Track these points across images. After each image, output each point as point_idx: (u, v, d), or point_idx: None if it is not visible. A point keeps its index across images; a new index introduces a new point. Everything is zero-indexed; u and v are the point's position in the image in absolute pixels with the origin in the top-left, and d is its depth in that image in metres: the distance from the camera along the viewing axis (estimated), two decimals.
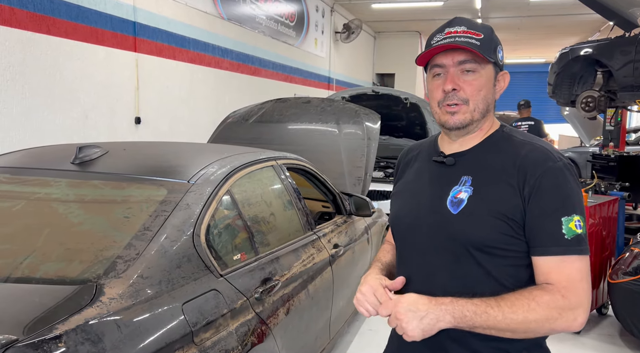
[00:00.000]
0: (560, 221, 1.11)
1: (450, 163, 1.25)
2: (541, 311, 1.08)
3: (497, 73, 1.24)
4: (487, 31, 1.22)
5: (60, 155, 2.29)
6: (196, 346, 1.64)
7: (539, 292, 1.11)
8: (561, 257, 1.11)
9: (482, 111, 1.22)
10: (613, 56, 6.65)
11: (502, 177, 1.17)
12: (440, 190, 1.24)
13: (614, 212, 4.04)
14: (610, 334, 3.79)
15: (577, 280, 1.11)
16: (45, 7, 4.15)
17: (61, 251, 1.69)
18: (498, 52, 1.22)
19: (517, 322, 1.09)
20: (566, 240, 1.11)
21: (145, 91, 5.44)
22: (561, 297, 1.10)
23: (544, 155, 1.16)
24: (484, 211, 1.16)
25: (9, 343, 1.23)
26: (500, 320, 1.09)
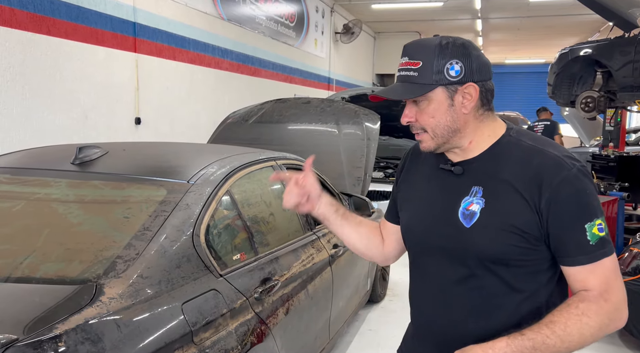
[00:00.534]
0: (584, 229, 1.12)
1: (459, 172, 1.23)
2: (593, 323, 1.10)
3: (454, 91, 1.18)
4: (427, 54, 1.17)
5: (60, 155, 2.30)
6: (196, 346, 1.65)
7: (585, 304, 1.11)
8: (593, 264, 1.13)
9: (444, 134, 1.21)
10: (612, 56, 6.65)
11: (514, 188, 1.15)
12: (450, 200, 1.22)
13: (613, 212, 4.05)
14: (610, 335, 3.79)
15: (613, 280, 1.13)
16: (46, 7, 4.16)
17: (61, 251, 1.70)
18: (449, 71, 1.16)
19: (575, 342, 1.10)
20: (592, 246, 1.12)
21: (145, 92, 5.45)
22: (604, 301, 1.11)
23: (557, 165, 1.14)
24: (497, 225, 1.15)
25: (9, 343, 1.23)
26: (559, 346, 1.10)
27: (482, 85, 1.20)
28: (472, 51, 1.19)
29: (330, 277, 2.80)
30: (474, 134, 1.22)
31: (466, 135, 1.22)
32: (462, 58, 1.17)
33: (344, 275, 3.04)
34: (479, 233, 1.16)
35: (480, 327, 1.20)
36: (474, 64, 1.18)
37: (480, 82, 1.20)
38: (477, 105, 1.20)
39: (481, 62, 1.20)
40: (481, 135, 1.23)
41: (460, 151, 1.24)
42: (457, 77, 1.17)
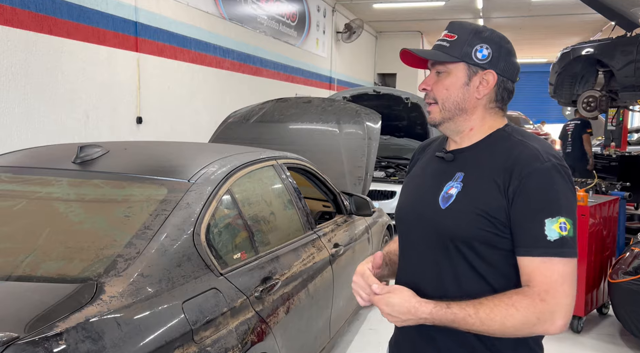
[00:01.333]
0: (544, 222, 1.11)
1: (449, 159, 1.29)
2: (519, 316, 1.09)
3: (474, 72, 1.23)
4: (464, 32, 1.24)
5: (61, 154, 2.31)
6: (196, 344, 1.65)
7: (519, 297, 1.11)
8: (542, 259, 1.11)
9: (451, 109, 1.25)
10: (614, 56, 6.64)
11: (490, 175, 1.18)
12: (436, 184, 1.28)
13: (614, 211, 4.04)
14: (611, 334, 3.79)
15: (559, 284, 1.10)
16: (47, 7, 4.17)
17: (62, 250, 1.70)
18: (477, 51, 1.22)
19: (495, 328, 1.11)
20: (548, 241, 1.10)
21: (147, 91, 5.46)
22: (540, 301, 1.10)
23: (532, 156, 1.16)
24: (469, 208, 1.18)
25: (10, 341, 1.24)
26: (477, 326, 1.12)
27: (502, 79, 1.25)
28: (505, 46, 1.25)
29: (331, 276, 2.80)
30: (477, 121, 1.26)
31: (470, 120, 1.26)
32: (493, 47, 1.23)
33: (344, 274, 3.04)
34: (452, 215, 1.21)
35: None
36: (502, 58, 1.24)
37: (502, 77, 1.24)
38: (491, 96, 1.25)
39: (511, 61, 1.26)
40: (482, 125, 1.27)
41: (459, 139, 1.29)
42: (482, 61, 1.22)
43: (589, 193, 3.88)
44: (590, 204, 3.66)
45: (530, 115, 16.89)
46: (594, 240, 3.70)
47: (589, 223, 3.59)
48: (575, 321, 3.74)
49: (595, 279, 3.79)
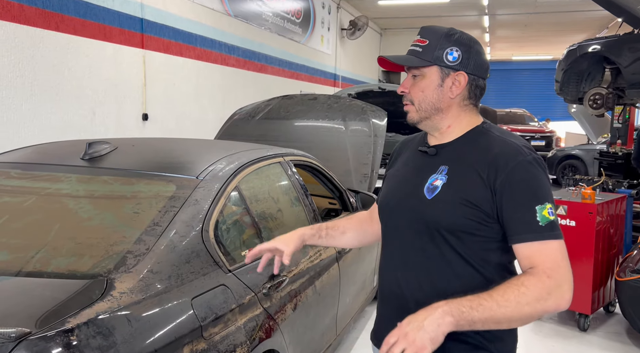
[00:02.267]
0: (535, 210, 1.20)
1: (432, 153, 1.37)
2: (531, 294, 1.15)
3: (447, 74, 1.31)
4: (435, 37, 1.32)
5: (69, 151, 2.31)
6: (205, 340, 1.66)
7: (526, 276, 1.18)
8: (539, 242, 1.19)
9: (427, 109, 1.34)
10: (621, 53, 6.59)
11: (474, 168, 1.27)
12: (420, 177, 1.35)
13: (621, 209, 4.03)
14: (617, 332, 3.78)
15: (559, 259, 1.18)
16: (54, 3, 4.18)
17: (72, 246, 1.71)
18: (447, 54, 1.30)
19: (511, 308, 1.14)
20: (541, 226, 1.19)
21: (153, 88, 5.47)
22: (547, 277, 1.16)
23: (514, 151, 1.26)
24: (454, 198, 1.26)
25: (21, 336, 1.24)
26: (495, 310, 1.14)
27: (473, 78, 1.33)
28: (474, 47, 1.33)
29: (337, 273, 2.80)
30: (453, 119, 1.35)
31: (447, 118, 1.35)
32: (463, 49, 1.31)
33: (351, 272, 3.04)
34: (438, 205, 1.29)
35: (432, 292, 1.29)
36: (472, 59, 1.31)
37: (473, 76, 1.33)
38: (464, 95, 1.34)
39: (480, 60, 1.33)
40: (459, 122, 1.35)
41: (439, 135, 1.37)
42: (453, 63, 1.30)
43: (596, 191, 3.86)
44: (597, 202, 3.65)
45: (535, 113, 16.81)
46: (601, 238, 3.69)
47: (596, 221, 3.58)
48: (582, 319, 3.73)
49: (602, 277, 3.78)
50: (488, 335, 1.29)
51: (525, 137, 13.80)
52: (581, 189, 3.76)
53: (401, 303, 1.37)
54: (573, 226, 3.65)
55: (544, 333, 3.73)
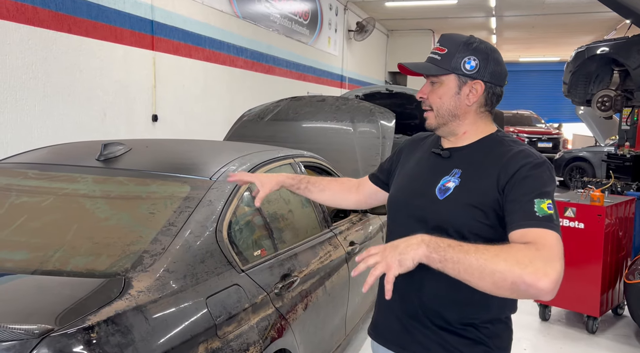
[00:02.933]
0: (534, 202, 1.21)
1: (446, 156, 1.42)
2: (514, 253, 1.10)
3: (464, 82, 1.36)
4: (454, 45, 1.36)
5: (85, 151, 2.35)
6: (220, 339, 1.68)
7: (517, 244, 1.17)
8: (535, 229, 1.17)
9: (445, 115, 1.39)
10: (630, 55, 6.58)
11: (487, 173, 1.31)
12: (433, 177, 1.40)
13: (630, 212, 4.03)
14: (626, 335, 3.78)
15: (553, 244, 1.14)
16: (67, 6, 4.23)
17: (90, 245, 1.74)
18: (465, 63, 1.35)
19: (487, 257, 1.10)
20: (538, 217, 1.19)
21: (162, 89, 5.51)
22: (536, 249, 1.12)
23: (525, 154, 1.31)
24: (465, 200, 1.31)
25: (44, 333, 1.28)
26: (471, 255, 1.11)
27: (490, 87, 1.37)
28: (492, 55, 1.37)
29: (347, 274, 2.83)
30: (470, 125, 1.40)
31: (463, 125, 1.40)
32: (480, 58, 1.35)
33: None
34: (449, 205, 1.33)
35: (436, 289, 1.35)
36: (489, 67, 1.36)
37: (490, 84, 1.37)
38: (480, 102, 1.38)
39: (498, 68, 1.37)
40: (475, 129, 1.41)
41: (454, 139, 1.42)
42: (471, 72, 1.35)
43: (605, 194, 3.87)
44: (606, 204, 3.65)
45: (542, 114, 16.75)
46: (610, 241, 3.69)
47: (604, 223, 3.58)
48: (591, 321, 3.73)
49: (611, 280, 3.78)
50: (486, 332, 1.35)
51: (532, 138, 13.80)
52: (590, 192, 3.76)
53: (403, 299, 1.42)
54: (582, 228, 3.65)
55: (552, 335, 3.74)
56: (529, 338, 3.70)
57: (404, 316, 1.43)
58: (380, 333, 1.54)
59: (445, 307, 1.36)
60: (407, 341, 1.42)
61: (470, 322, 1.35)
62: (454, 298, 1.35)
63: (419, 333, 1.40)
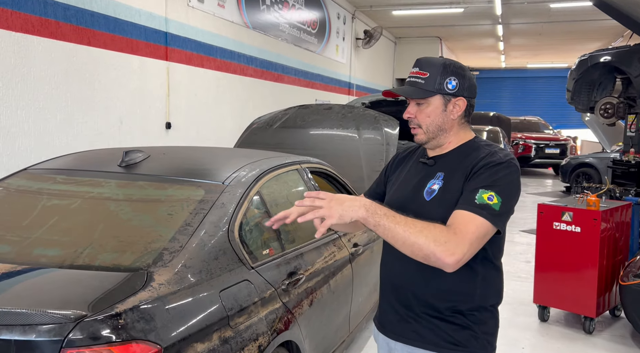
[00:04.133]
0: (477, 190, 1.42)
1: (431, 164, 1.61)
2: (435, 231, 1.36)
3: (448, 100, 1.54)
4: (434, 69, 1.53)
5: (107, 158, 2.55)
6: (232, 329, 1.86)
7: (441, 225, 1.40)
8: (465, 211, 1.40)
9: (434, 131, 1.56)
10: (632, 63, 6.69)
11: (462, 173, 1.50)
12: (421, 183, 1.59)
13: (627, 217, 4.15)
14: (622, 335, 3.89)
15: (470, 231, 1.37)
16: (87, 20, 4.46)
17: (115, 243, 1.93)
18: (447, 83, 1.52)
19: (412, 233, 1.35)
20: (474, 202, 1.41)
21: (176, 98, 5.73)
22: (453, 233, 1.37)
23: (492, 154, 1.49)
24: (448, 199, 1.49)
25: (79, 318, 1.46)
26: (400, 226, 1.36)
27: (468, 100, 1.57)
28: (466, 74, 1.56)
29: (350, 274, 2.99)
30: (454, 136, 1.59)
31: (449, 136, 1.58)
32: (459, 77, 1.54)
33: (363, 273, 3.22)
34: (435, 205, 1.51)
35: (424, 280, 1.53)
36: (466, 84, 1.55)
37: (468, 98, 1.56)
38: (462, 115, 1.57)
39: (471, 83, 1.57)
40: (457, 138, 1.60)
41: (439, 149, 1.60)
42: (453, 90, 1.54)
43: (602, 199, 3.99)
44: (602, 209, 3.78)
45: (549, 120, 16.83)
46: (606, 244, 3.81)
47: (600, 227, 3.71)
48: (588, 322, 3.85)
49: (608, 282, 3.90)
50: (473, 318, 1.52)
51: (539, 144, 13.89)
52: (586, 197, 3.89)
53: (399, 294, 1.61)
54: (578, 232, 3.78)
55: (550, 335, 3.86)
56: (528, 338, 3.83)
57: (400, 307, 1.61)
58: (380, 322, 1.72)
59: (434, 297, 1.53)
60: (404, 329, 1.60)
61: (458, 310, 1.52)
62: (441, 289, 1.52)
63: (414, 321, 1.57)
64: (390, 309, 1.65)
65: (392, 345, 1.65)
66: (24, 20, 3.91)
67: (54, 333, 1.42)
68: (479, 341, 1.53)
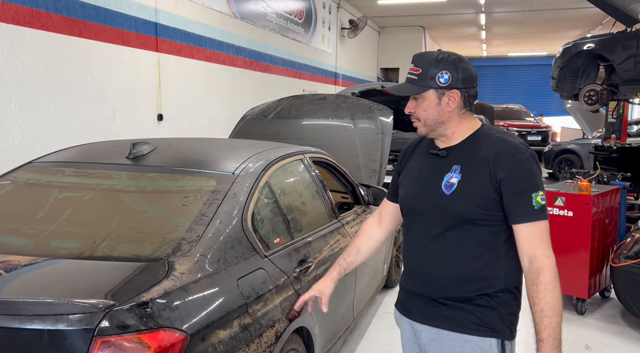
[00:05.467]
0: (531, 197, 1.50)
1: (444, 155, 1.62)
2: (553, 282, 1.49)
3: (442, 93, 1.56)
4: (426, 64, 1.56)
5: (114, 151, 2.54)
6: (250, 316, 1.89)
7: (542, 276, 1.49)
8: (533, 223, 1.51)
9: (432, 124, 1.59)
10: (615, 51, 6.84)
11: (482, 165, 1.53)
12: (436, 176, 1.61)
13: (616, 201, 4.27)
14: (613, 315, 4.02)
15: (547, 237, 1.52)
16: (78, 11, 4.39)
17: (133, 234, 1.94)
18: (439, 78, 1.55)
19: (560, 305, 1.49)
20: (535, 210, 1.50)
21: (167, 89, 5.69)
22: (547, 258, 1.49)
23: (514, 149, 1.53)
24: (470, 192, 1.53)
25: (108, 307, 1.47)
26: (558, 319, 1.47)
27: (465, 91, 1.58)
28: (461, 65, 1.57)
29: None
30: (456, 126, 1.61)
31: (450, 127, 1.61)
32: (451, 70, 1.56)
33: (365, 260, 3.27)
34: (456, 199, 1.54)
35: (452, 270, 1.58)
36: (460, 76, 1.56)
37: (464, 89, 1.58)
38: (460, 106, 1.59)
39: (467, 74, 1.58)
40: (461, 128, 1.61)
41: (446, 139, 1.62)
42: (445, 84, 1.56)
43: (592, 183, 4.10)
44: (593, 193, 3.88)
45: (531, 108, 17.06)
46: (597, 228, 3.93)
47: (592, 211, 3.82)
48: (580, 303, 3.98)
49: (598, 264, 4.03)
50: (498, 300, 1.58)
51: (521, 132, 14.10)
52: (578, 182, 4.00)
53: (426, 280, 1.65)
54: (570, 216, 3.89)
55: None
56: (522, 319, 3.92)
57: (426, 292, 1.65)
58: (405, 307, 1.76)
59: (461, 283, 1.57)
60: (431, 313, 1.64)
61: (484, 293, 1.57)
62: (468, 274, 1.57)
63: (441, 305, 1.61)
64: (416, 294, 1.69)
65: (418, 328, 1.70)
66: (15, 12, 3.84)
67: (86, 322, 1.44)
68: (504, 323, 1.58)
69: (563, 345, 1.52)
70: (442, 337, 1.62)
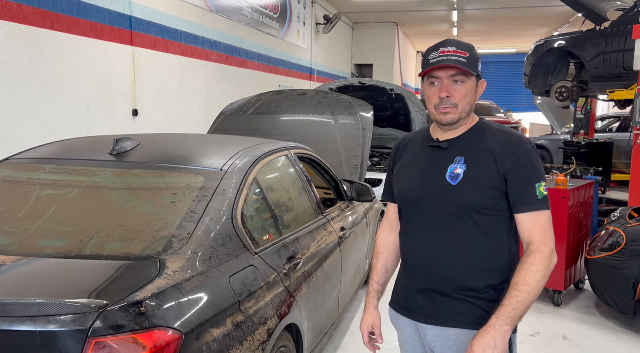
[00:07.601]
0: (534, 186, 1.53)
1: (445, 146, 1.62)
2: (541, 268, 1.48)
3: (476, 82, 1.60)
4: (471, 50, 1.57)
5: (96, 146, 2.47)
6: (242, 313, 1.87)
7: (531, 257, 1.50)
8: (536, 212, 1.54)
9: (467, 111, 1.59)
10: (585, 48, 7.03)
11: (488, 157, 1.55)
12: (438, 167, 1.60)
13: (589, 195, 4.38)
14: (587, 306, 4.14)
15: (548, 227, 1.55)
16: (49, 2, 4.24)
17: (121, 232, 1.88)
18: (479, 66, 1.59)
19: (535, 288, 1.47)
20: (538, 199, 1.54)
21: (142, 84, 5.56)
22: (543, 246, 1.51)
23: (519, 140, 1.57)
24: (475, 182, 1.55)
25: (101, 307, 1.43)
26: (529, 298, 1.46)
27: None
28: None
29: (339, 256, 3.04)
30: (470, 118, 1.63)
31: (470, 117, 1.63)
32: (480, 61, 1.61)
33: (349, 256, 3.28)
34: (463, 189, 1.56)
35: (459, 260, 1.58)
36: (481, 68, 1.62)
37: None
38: None
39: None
40: (471, 119, 1.64)
41: (451, 131, 1.63)
42: (479, 73, 1.60)
43: (567, 178, 4.20)
44: (569, 188, 3.98)
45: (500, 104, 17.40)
46: (572, 221, 4.03)
47: (568, 205, 3.91)
48: (556, 295, 4.08)
49: (574, 257, 4.13)
50: (503, 293, 1.56)
51: None
52: (554, 176, 4.09)
53: (431, 276, 1.62)
54: None
55: None
56: None
57: (431, 289, 1.61)
58: (406, 308, 1.70)
59: (469, 275, 1.57)
60: (436, 311, 1.61)
61: (491, 285, 1.57)
62: (475, 266, 1.57)
63: (447, 302, 1.59)
64: (419, 293, 1.65)
65: (422, 329, 1.66)
66: None
67: (79, 323, 1.39)
68: None
69: (540, 336, 1.53)
70: (448, 333, 1.60)
